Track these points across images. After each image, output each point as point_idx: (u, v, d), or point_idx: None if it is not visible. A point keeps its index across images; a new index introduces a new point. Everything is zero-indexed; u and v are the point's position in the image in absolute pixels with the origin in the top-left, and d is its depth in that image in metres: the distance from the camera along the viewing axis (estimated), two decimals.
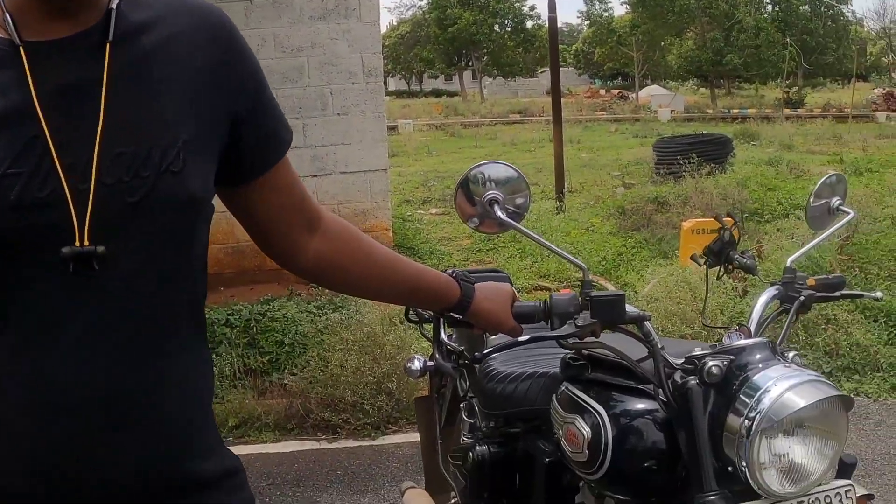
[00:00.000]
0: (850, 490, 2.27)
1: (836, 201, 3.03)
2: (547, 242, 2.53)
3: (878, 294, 3.11)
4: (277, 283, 8.76)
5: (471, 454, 3.15)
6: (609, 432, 2.38)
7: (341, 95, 9.25)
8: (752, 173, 14.51)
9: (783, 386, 2.13)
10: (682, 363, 2.34)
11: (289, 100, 8.98)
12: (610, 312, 2.29)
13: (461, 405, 3.54)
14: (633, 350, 2.46)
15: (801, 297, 2.77)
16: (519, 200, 2.46)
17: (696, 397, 2.25)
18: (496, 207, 2.41)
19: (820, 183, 3.03)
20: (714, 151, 15.70)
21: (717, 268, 3.09)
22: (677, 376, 2.32)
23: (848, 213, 3.04)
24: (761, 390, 2.14)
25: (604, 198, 14.79)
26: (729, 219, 3.09)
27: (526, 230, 2.50)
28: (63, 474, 1.45)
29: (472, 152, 25.13)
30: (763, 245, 9.59)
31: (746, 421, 2.13)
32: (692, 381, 2.26)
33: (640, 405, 2.43)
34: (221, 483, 1.64)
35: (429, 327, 4.05)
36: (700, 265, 3.20)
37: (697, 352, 2.33)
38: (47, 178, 1.38)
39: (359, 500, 5.34)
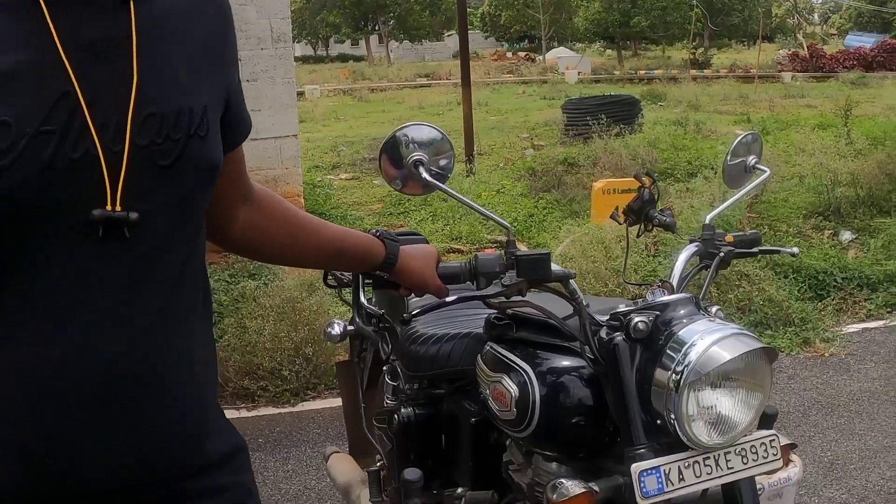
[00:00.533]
0: (774, 440, 2.32)
1: (752, 160, 3.08)
2: (471, 202, 2.54)
3: (795, 250, 3.15)
4: None
5: (396, 417, 3.16)
6: (536, 390, 2.41)
7: (250, 62, 9.12)
8: (661, 134, 14.67)
9: (709, 340, 2.17)
10: (608, 320, 2.38)
11: None
12: (536, 271, 2.32)
13: (383, 368, 3.55)
14: (558, 308, 2.49)
15: (721, 254, 2.82)
16: (443, 161, 2.46)
17: (623, 353, 2.28)
18: (421, 169, 2.40)
19: (736, 142, 3.08)
20: (622, 112, 15.82)
21: (637, 226, 3.12)
22: (603, 333, 2.36)
23: (764, 172, 3.10)
24: (687, 345, 2.18)
25: (513, 160, 14.83)
26: (648, 178, 3.12)
27: (451, 190, 2.50)
28: (79, 454, 1.37)
29: (380, 116, 25.03)
30: (674, 204, 9.70)
31: (674, 375, 2.16)
32: (618, 336, 2.30)
33: (566, 362, 2.46)
34: (229, 462, 1.62)
35: (348, 291, 4.06)
36: (619, 223, 3.23)
37: (622, 308, 2.36)
38: (79, 138, 1.30)
39: (282, 466, 5.33)
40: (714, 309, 2.38)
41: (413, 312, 2.28)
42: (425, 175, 2.40)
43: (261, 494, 4.73)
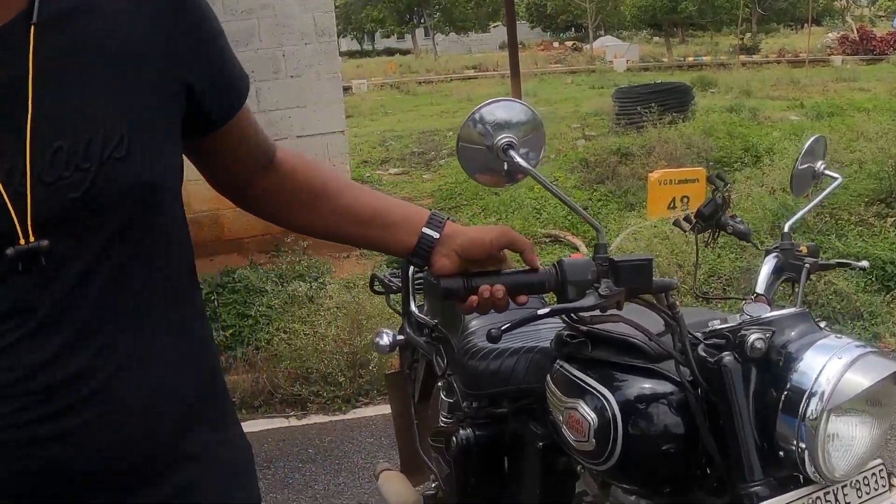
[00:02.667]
0: (882, 468, 2.08)
1: (821, 166, 2.96)
2: (563, 194, 2.14)
3: (864, 264, 3.14)
4: (237, 254, 8.55)
5: (454, 439, 2.90)
6: (618, 418, 2.11)
7: (294, 57, 8.95)
8: (715, 121, 14.27)
9: (843, 362, 1.90)
10: (706, 336, 2.10)
11: None
12: (638, 279, 1.98)
13: (439, 383, 3.30)
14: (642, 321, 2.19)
15: (807, 266, 2.70)
16: (533, 145, 2.10)
17: (735, 374, 2.00)
18: (512, 153, 2.04)
19: (805, 147, 2.92)
20: (675, 100, 15.43)
21: (706, 233, 2.91)
22: (701, 350, 2.08)
23: (835, 179, 3.00)
24: (819, 368, 1.91)
25: (565, 151, 14.47)
26: (720, 180, 2.89)
27: (543, 178, 2.10)
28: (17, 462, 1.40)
29: (429, 109, 24.82)
30: (732, 193, 9.40)
31: (806, 402, 1.90)
32: (727, 356, 2.01)
33: (649, 385, 2.16)
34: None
35: (397, 299, 3.82)
36: (685, 231, 3.00)
37: (724, 325, 2.09)
38: None
39: (333, 479, 5.11)
40: (823, 325, 2.09)
41: (503, 327, 1.89)
42: (518, 160, 2.03)
43: None
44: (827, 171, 2.96)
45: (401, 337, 3.65)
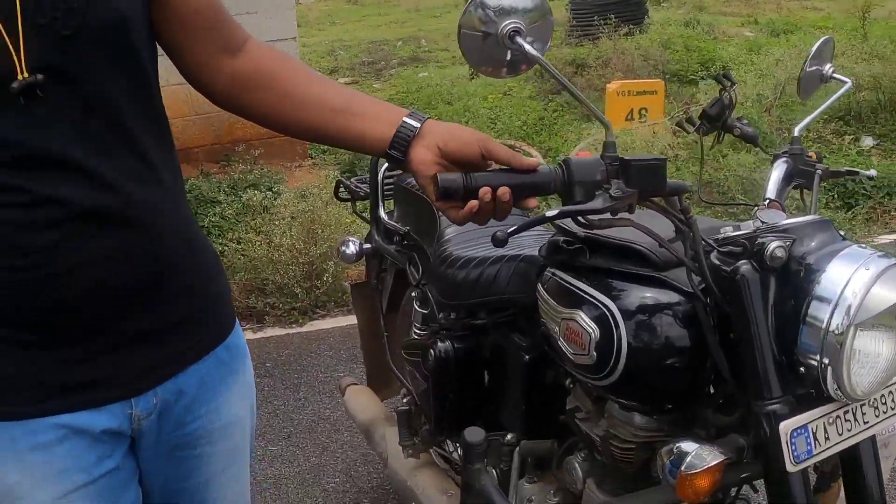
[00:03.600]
0: None
1: (829, 69, 2.87)
2: (573, 87, 1.95)
3: (872, 172, 2.98)
4: (187, 164, 8.32)
5: (432, 352, 2.75)
6: (622, 330, 1.97)
7: None
8: (672, 34, 14.10)
9: (869, 274, 1.75)
10: (721, 243, 1.95)
11: None
12: (651, 181, 1.80)
13: (412, 294, 3.14)
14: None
15: (818, 172, 2.60)
16: (539, 34, 1.89)
17: (752, 284, 1.85)
18: (519, 40, 1.84)
19: (815, 48, 2.83)
20: (630, 12, 15.29)
21: (713, 134, 2.79)
22: (714, 259, 1.94)
23: (845, 82, 2.93)
24: (845, 279, 1.75)
25: None
26: (727, 80, 2.76)
27: (555, 69, 1.92)
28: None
29: (377, 20, 24.42)
30: (691, 107, 9.30)
31: (831, 315, 1.75)
32: (744, 264, 1.86)
33: (655, 294, 2.01)
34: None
35: (363, 206, 3.65)
36: (688, 132, 2.87)
37: (731, 231, 1.94)
38: None
39: (293, 394, 4.96)
40: (842, 233, 1.95)
41: (510, 230, 1.72)
42: (527, 47, 1.84)
43: (273, 427, 4.37)
44: (836, 75, 2.87)
45: (368, 245, 3.49)
